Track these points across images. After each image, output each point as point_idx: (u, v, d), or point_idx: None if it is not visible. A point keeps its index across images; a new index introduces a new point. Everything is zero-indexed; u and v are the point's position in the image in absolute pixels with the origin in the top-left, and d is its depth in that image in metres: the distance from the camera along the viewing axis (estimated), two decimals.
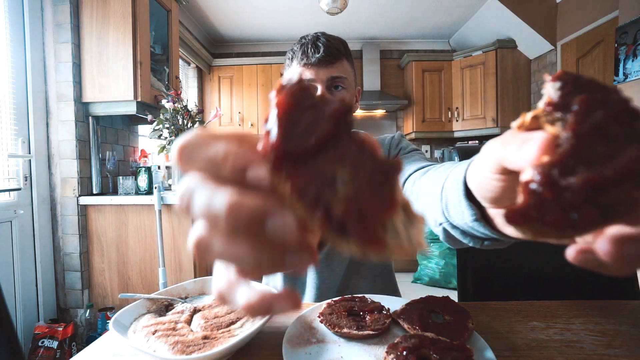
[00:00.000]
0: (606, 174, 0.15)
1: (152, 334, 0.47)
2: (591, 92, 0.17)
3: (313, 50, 0.76)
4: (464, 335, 0.47)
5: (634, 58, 2.01)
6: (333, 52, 0.77)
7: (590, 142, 0.16)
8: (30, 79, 1.76)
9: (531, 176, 0.17)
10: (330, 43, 0.78)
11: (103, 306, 1.91)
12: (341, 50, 0.79)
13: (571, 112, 0.17)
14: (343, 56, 0.79)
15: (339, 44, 0.79)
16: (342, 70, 0.78)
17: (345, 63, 0.80)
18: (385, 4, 3.13)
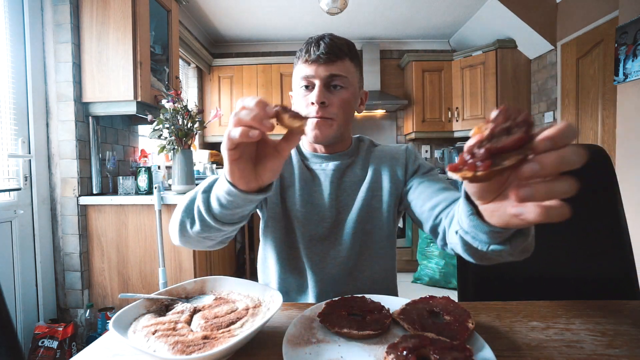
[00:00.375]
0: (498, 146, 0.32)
1: (152, 334, 0.47)
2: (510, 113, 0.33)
3: (315, 48, 0.76)
4: (464, 335, 0.47)
5: (634, 58, 2.01)
6: (334, 50, 0.76)
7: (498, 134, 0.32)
8: (30, 79, 1.76)
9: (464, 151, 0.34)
10: (334, 42, 0.77)
11: (103, 306, 1.91)
12: (344, 49, 0.78)
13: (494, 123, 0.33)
14: (346, 55, 0.78)
15: (342, 44, 0.78)
16: (342, 69, 0.77)
17: (347, 63, 0.78)
18: (385, 4, 3.13)
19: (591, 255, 0.81)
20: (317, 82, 0.77)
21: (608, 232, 0.82)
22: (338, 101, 0.77)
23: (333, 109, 0.77)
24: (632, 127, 2.02)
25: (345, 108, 0.78)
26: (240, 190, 0.50)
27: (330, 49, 0.76)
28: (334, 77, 0.76)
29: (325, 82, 0.76)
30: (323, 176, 0.85)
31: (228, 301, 0.59)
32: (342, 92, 0.78)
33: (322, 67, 0.76)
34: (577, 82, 2.73)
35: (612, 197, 0.83)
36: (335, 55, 0.76)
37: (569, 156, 0.30)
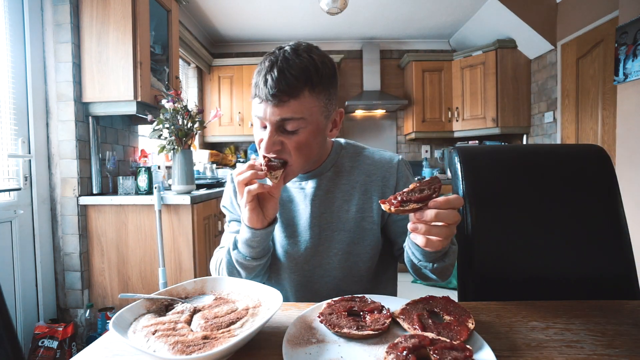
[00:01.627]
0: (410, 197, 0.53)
1: (152, 334, 0.47)
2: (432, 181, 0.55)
3: (264, 82, 0.64)
4: (464, 335, 0.47)
5: (634, 58, 2.01)
6: (284, 89, 0.62)
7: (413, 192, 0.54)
8: (30, 79, 1.76)
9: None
10: (285, 75, 0.63)
11: (103, 306, 1.91)
12: (299, 83, 0.63)
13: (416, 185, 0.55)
14: (302, 90, 0.64)
15: (299, 73, 0.63)
16: (296, 110, 0.64)
17: (305, 98, 0.65)
18: (385, 4, 3.13)
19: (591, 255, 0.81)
20: (268, 126, 0.66)
21: (608, 232, 0.82)
22: (293, 144, 0.67)
23: (286, 154, 0.68)
24: (632, 127, 2.02)
25: (303, 151, 0.69)
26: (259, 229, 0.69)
27: (279, 87, 0.62)
28: (286, 120, 0.65)
29: (276, 127, 0.66)
30: (302, 196, 0.81)
31: (228, 301, 0.59)
32: (297, 135, 0.67)
33: (272, 109, 0.64)
34: (577, 82, 2.73)
35: (612, 197, 0.83)
36: (286, 94, 0.63)
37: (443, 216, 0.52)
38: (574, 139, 2.79)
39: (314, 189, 0.80)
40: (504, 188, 0.86)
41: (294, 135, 0.67)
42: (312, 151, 0.71)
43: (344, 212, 0.79)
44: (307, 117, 0.66)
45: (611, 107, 2.39)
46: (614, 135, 2.32)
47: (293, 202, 0.82)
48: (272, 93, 0.62)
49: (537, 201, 0.84)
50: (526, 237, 0.82)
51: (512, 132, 3.40)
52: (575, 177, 0.85)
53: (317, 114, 0.68)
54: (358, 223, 0.79)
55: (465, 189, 0.85)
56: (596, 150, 0.88)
